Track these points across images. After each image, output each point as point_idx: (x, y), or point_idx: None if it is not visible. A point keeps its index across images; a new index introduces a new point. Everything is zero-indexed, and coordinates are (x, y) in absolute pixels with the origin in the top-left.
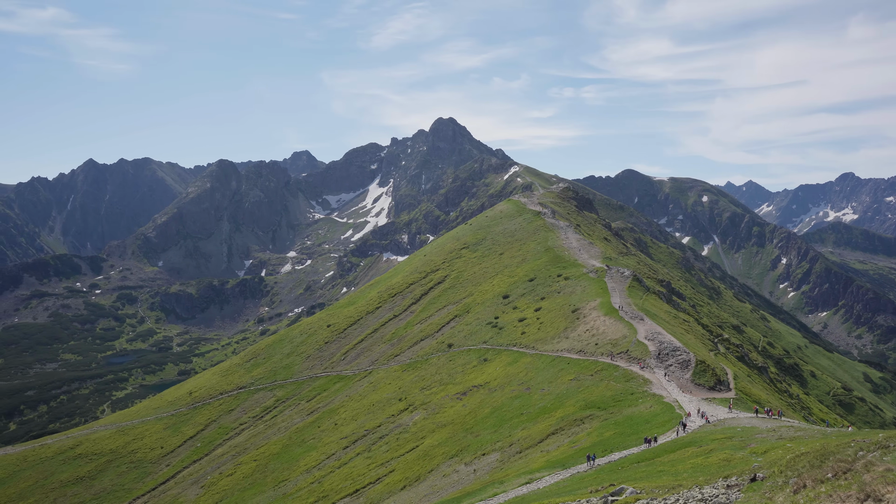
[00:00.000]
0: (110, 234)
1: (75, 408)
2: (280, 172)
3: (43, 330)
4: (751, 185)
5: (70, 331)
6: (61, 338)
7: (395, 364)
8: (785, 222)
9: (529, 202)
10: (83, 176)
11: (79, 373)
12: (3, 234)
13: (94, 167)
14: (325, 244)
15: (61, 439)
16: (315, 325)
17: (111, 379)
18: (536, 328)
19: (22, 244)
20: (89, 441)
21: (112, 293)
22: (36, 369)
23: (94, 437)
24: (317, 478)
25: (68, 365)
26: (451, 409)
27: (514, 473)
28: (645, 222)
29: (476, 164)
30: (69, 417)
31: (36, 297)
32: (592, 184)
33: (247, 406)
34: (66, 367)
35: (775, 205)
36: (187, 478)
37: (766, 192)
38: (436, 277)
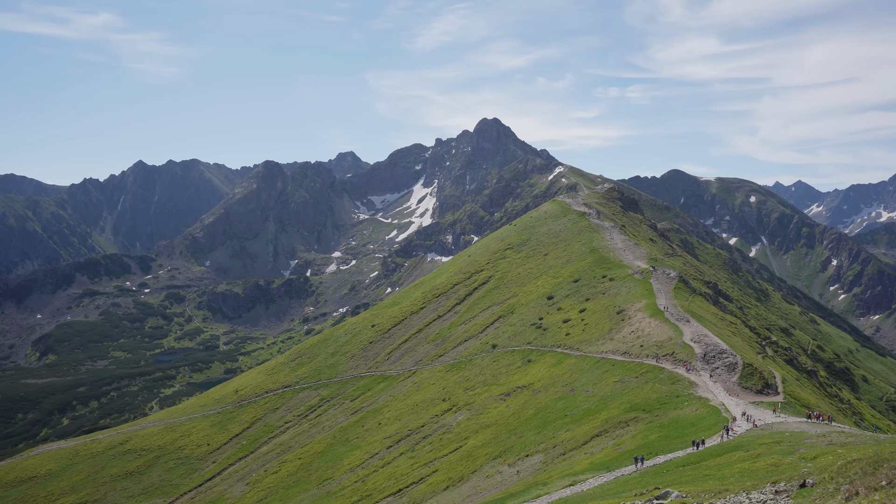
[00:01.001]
0: (159, 234)
1: (125, 404)
2: (325, 173)
3: (94, 328)
4: (800, 185)
5: (120, 329)
6: (111, 336)
7: (438, 364)
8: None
9: (574, 203)
10: (133, 177)
11: (128, 370)
12: (57, 235)
13: (143, 168)
14: (370, 244)
15: (111, 435)
16: (359, 325)
17: (159, 376)
18: (581, 329)
19: (74, 244)
20: (138, 437)
21: (160, 292)
22: (87, 366)
23: (142, 434)
24: (360, 477)
25: (118, 362)
26: (495, 410)
27: (557, 475)
28: (691, 223)
29: (520, 165)
30: (119, 413)
31: (88, 296)
32: (638, 184)
33: (292, 405)
34: (116, 365)
35: (825, 205)
36: (233, 475)
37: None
38: (480, 278)
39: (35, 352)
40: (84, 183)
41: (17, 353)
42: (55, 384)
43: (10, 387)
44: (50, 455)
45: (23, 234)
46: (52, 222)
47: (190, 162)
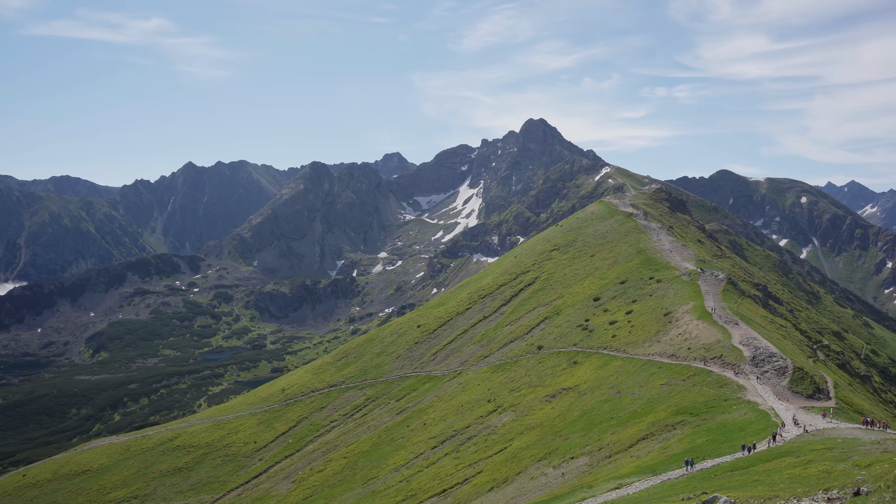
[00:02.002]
0: (208, 234)
1: (174, 401)
2: (372, 174)
3: (145, 326)
4: (853, 185)
5: (170, 327)
6: (161, 334)
7: (484, 365)
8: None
9: (621, 203)
10: (183, 178)
11: (177, 368)
12: (109, 235)
13: (192, 170)
14: (416, 245)
15: (161, 431)
16: (405, 326)
17: (208, 375)
18: (627, 331)
19: (126, 244)
20: (187, 434)
21: (209, 291)
22: (138, 363)
23: (191, 430)
24: (405, 476)
25: (168, 360)
26: (540, 412)
27: (602, 478)
28: (740, 224)
29: (567, 166)
30: (168, 410)
31: (139, 295)
32: (686, 185)
33: (337, 404)
34: (166, 362)
35: (880, 206)
36: (279, 472)
37: (869, 193)
38: (526, 279)
39: (88, 349)
40: (135, 184)
41: (72, 350)
42: (107, 381)
43: (64, 383)
44: (102, 450)
45: (77, 235)
46: (105, 223)
47: (238, 163)
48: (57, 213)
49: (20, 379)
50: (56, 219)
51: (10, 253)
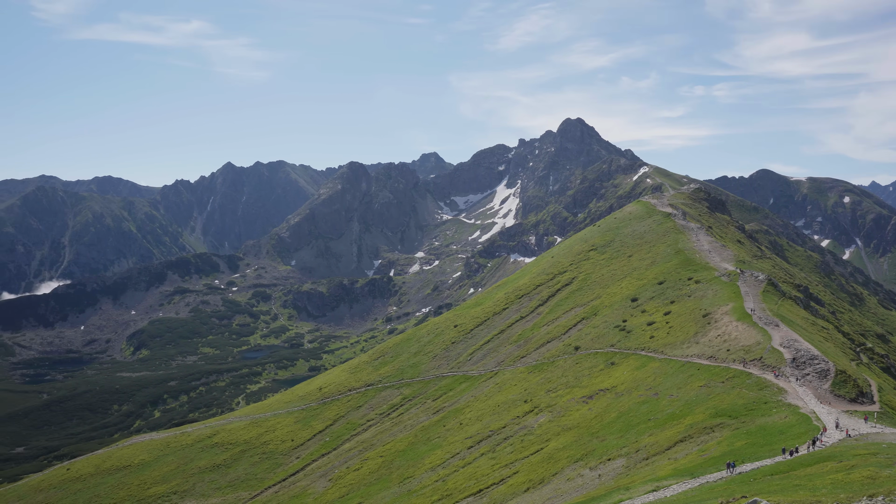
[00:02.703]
0: (246, 233)
1: (213, 399)
2: (409, 174)
3: (184, 324)
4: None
5: (209, 326)
6: (201, 332)
7: (521, 365)
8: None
9: (659, 203)
10: (222, 178)
11: (216, 366)
12: (150, 234)
13: (232, 170)
14: (453, 245)
15: (200, 428)
16: (442, 325)
17: (246, 373)
18: (665, 332)
19: (166, 243)
20: (225, 431)
21: (247, 290)
22: (178, 361)
23: (229, 428)
24: (441, 476)
25: (207, 358)
26: (577, 413)
27: (640, 480)
28: (781, 224)
29: (604, 165)
30: (207, 408)
31: (178, 294)
32: (725, 184)
33: (374, 403)
34: (205, 360)
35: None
36: (316, 470)
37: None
38: (563, 279)
39: (129, 346)
40: (176, 184)
41: (113, 348)
42: (148, 378)
43: (106, 380)
44: (143, 446)
45: (119, 234)
46: (146, 222)
47: (277, 163)
48: (100, 212)
49: (64, 375)
50: (99, 218)
51: (54, 252)
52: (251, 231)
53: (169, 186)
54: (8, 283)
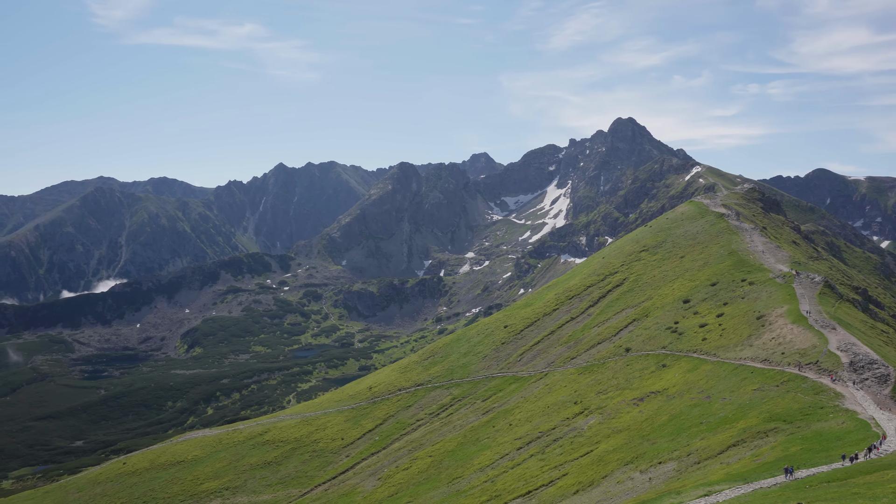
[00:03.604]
0: (298, 233)
1: (264, 397)
2: (459, 174)
3: (237, 323)
4: None
5: (261, 324)
6: (253, 331)
7: (571, 367)
8: None
9: (712, 204)
10: (274, 179)
11: (268, 364)
12: (204, 234)
13: (283, 171)
14: (503, 245)
15: (251, 426)
16: (492, 326)
17: (297, 371)
18: (718, 334)
19: (219, 243)
20: (276, 429)
21: (299, 290)
22: (230, 359)
23: (280, 426)
24: (490, 477)
25: (258, 356)
26: (627, 415)
27: (691, 484)
28: (838, 225)
29: (656, 165)
30: (258, 405)
31: (231, 293)
32: (780, 184)
33: (423, 403)
34: (257, 359)
35: None
36: (365, 469)
37: None
38: (614, 280)
39: (183, 344)
40: (229, 185)
41: (168, 345)
42: (201, 375)
43: (161, 377)
44: (196, 442)
45: (173, 234)
46: (200, 222)
47: (328, 164)
48: (155, 213)
49: (120, 372)
50: (154, 219)
51: (111, 251)
52: (303, 231)
53: (222, 187)
54: (68, 282)
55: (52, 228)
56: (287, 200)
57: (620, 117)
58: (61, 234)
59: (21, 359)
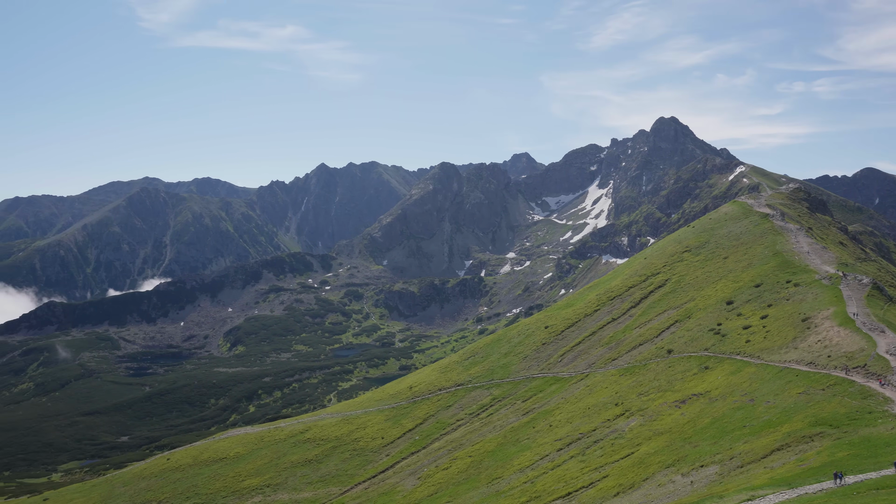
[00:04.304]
0: (339, 233)
1: (305, 395)
2: (500, 174)
3: (279, 322)
4: None
5: (302, 323)
6: (294, 330)
7: (612, 368)
8: None
9: (756, 204)
10: (316, 179)
11: (309, 363)
12: (247, 234)
13: (325, 171)
14: (544, 246)
15: (293, 424)
16: (533, 326)
17: (338, 370)
18: (762, 337)
19: (262, 242)
20: (317, 427)
21: (340, 289)
22: (272, 358)
23: (321, 424)
24: (530, 478)
25: (300, 355)
26: (669, 417)
27: (733, 489)
28: (887, 225)
29: (699, 165)
30: (300, 404)
31: (273, 292)
32: (826, 184)
33: (464, 403)
34: (298, 358)
35: None
36: (405, 468)
37: None
38: (656, 281)
39: (226, 342)
40: (271, 185)
41: (211, 343)
42: (243, 373)
43: (204, 374)
44: (238, 439)
45: (217, 234)
46: (243, 222)
47: (369, 164)
48: (199, 213)
49: (165, 369)
50: (198, 218)
51: (156, 251)
52: (344, 231)
53: (265, 187)
54: (114, 281)
55: (99, 228)
56: (329, 200)
57: (663, 116)
58: (108, 233)
59: (69, 355)
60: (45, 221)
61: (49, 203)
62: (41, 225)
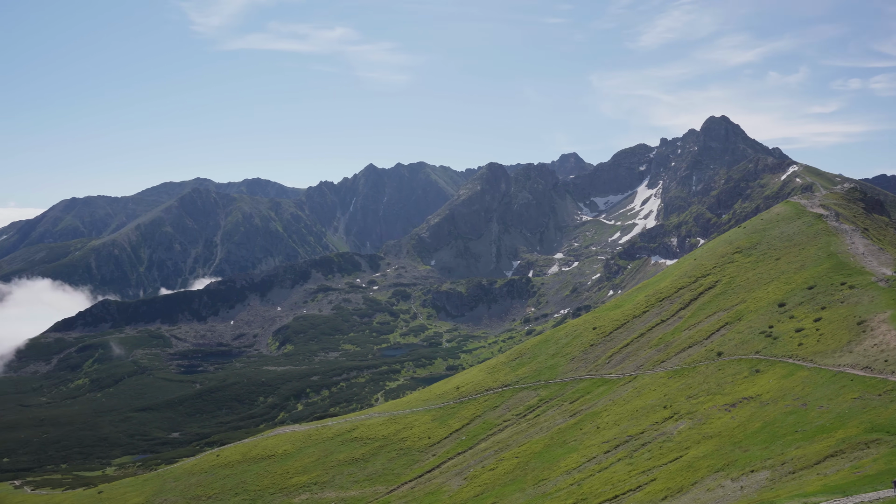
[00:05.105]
0: (387, 233)
1: (352, 394)
2: (548, 174)
3: (327, 321)
4: None
5: (350, 323)
6: (342, 329)
7: (660, 370)
8: None
9: (810, 204)
10: (364, 179)
11: (356, 362)
12: (296, 234)
13: (373, 171)
14: (592, 246)
15: (340, 422)
16: (580, 327)
17: (385, 370)
18: (815, 340)
19: (310, 242)
20: (364, 426)
21: (388, 289)
22: (320, 357)
23: (368, 423)
24: (576, 480)
25: (348, 354)
26: (718, 421)
27: (785, 495)
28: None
29: (750, 165)
30: (347, 403)
31: (321, 291)
32: (883, 183)
33: (511, 404)
34: (346, 357)
35: None
36: (451, 468)
37: None
38: (706, 282)
39: (275, 341)
40: (320, 185)
41: (260, 342)
42: (292, 372)
43: (253, 372)
44: (286, 437)
45: (266, 233)
46: (292, 222)
47: (417, 164)
48: (249, 213)
49: (215, 367)
50: (248, 219)
51: (207, 250)
52: (392, 231)
53: (313, 188)
54: (166, 280)
55: (151, 228)
56: (377, 200)
57: (713, 116)
58: (160, 233)
59: (123, 352)
60: (101, 221)
61: (104, 203)
62: (96, 225)
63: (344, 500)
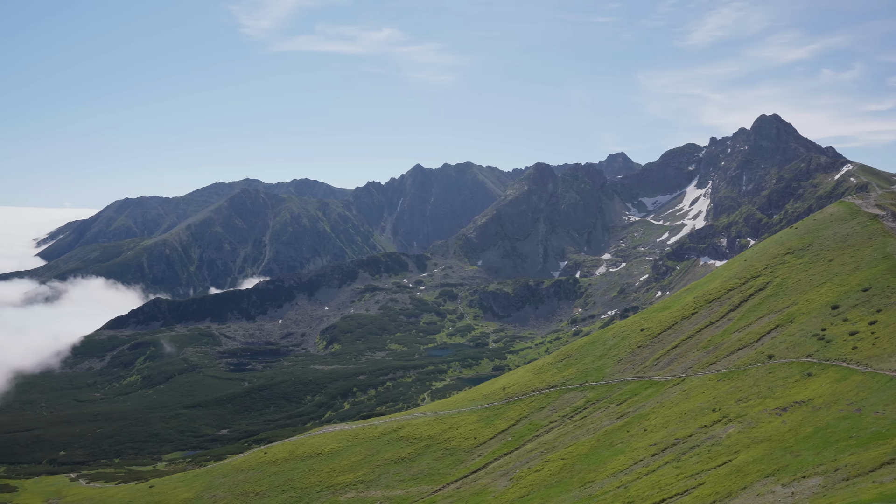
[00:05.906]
0: (434, 234)
1: (399, 394)
2: (595, 175)
3: (374, 321)
4: None
5: (397, 323)
6: (389, 329)
7: (709, 373)
8: None
9: (865, 204)
10: (411, 180)
11: (403, 362)
12: (343, 234)
13: (420, 171)
14: (640, 247)
15: (386, 422)
16: (628, 329)
17: (431, 370)
18: (870, 343)
19: (358, 242)
20: (410, 426)
21: (434, 290)
22: (367, 356)
23: (414, 423)
24: (623, 482)
25: (394, 354)
26: (769, 425)
27: (839, 502)
28: None
29: (802, 164)
30: (393, 402)
31: (369, 291)
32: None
33: (557, 405)
34: (393, 356)
35: None
36: (497, 469)
37: None
38: (756, 284)
39: (322, 340)
40: (367, 186)
41: (308, 341)
42: (338, 371)
43: (301, 371)
44: (333, 435)
45: (314, 233)
46: (339, 222)
47: (464, 165)
48: (297, 213)
49: (263, 365)
50: (296, 219)
51: (256, 250)
52: (439, 231)
53: (361, 188)
54: (216, 279)
55: (202, 228)
56: (424, 201)
57: (764, 114)
58: (210, 233)
59: (173, 350)
60: (152, 221)
61: (156, 204)
62: (148, 225)
63: (389, 499)
